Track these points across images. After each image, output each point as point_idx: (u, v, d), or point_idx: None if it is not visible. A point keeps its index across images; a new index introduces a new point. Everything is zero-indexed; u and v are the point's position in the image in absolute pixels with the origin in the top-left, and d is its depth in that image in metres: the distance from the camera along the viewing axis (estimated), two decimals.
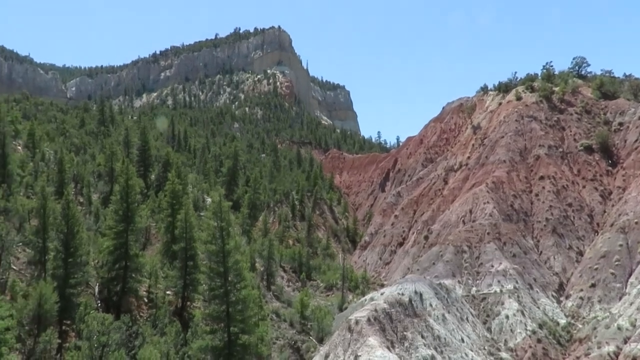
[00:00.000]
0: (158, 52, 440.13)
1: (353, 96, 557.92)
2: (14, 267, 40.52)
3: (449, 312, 50.76)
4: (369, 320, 42.92)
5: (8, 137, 65.98)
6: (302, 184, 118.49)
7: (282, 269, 72.19)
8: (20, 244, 43.06)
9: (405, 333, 44.00)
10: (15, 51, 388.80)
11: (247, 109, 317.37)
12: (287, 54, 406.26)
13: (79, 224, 41.13)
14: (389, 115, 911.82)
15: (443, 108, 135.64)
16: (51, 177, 68.35)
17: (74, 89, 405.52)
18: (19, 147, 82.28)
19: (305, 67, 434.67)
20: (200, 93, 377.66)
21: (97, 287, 42.86)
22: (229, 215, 41.26)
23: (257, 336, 37.93)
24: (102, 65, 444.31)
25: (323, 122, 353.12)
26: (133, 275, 43.44)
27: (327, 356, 41.31)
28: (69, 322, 36.12)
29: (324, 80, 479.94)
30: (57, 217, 41.40)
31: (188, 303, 46.06)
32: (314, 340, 48.99)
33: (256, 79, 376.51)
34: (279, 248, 75.02)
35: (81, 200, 68.67)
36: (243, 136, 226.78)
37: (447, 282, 60.51)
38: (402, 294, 48.73)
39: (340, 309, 56.38)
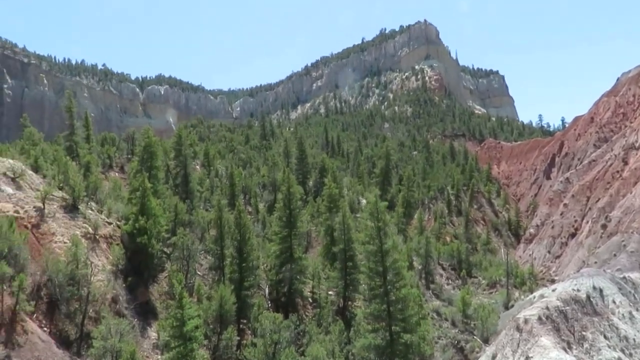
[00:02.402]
0: (309, 65, 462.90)
1: (509, 80, 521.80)
2: (199, 273, 46.18)
3: (637, 310, 44.83)
4: (540, 318, 39.94)
5: (189, 158, 75.51)
6: (457, 178, 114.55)
7: (440, 266, 70.64)
8: (203, 252, 48.79)
9: (583, 333, 40.01)
10: (189, 82, 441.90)
11: (396, 108, 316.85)
12: (434, 47, 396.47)
13: (249, 232, 45.28)
14: (552, 97, 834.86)
15: (618, 79, 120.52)
16: (224, 191, 76.21)
17: (238, 109, 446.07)
18: (197, 166, 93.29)
19: (454, 58, 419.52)
20: (350, 98, 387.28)
21: (267, 288, 46.69)
22: (384, 215, 41.87)
23: (419, 335, 37.70)
24: (261, 84, 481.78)
25: (476, 111, 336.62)
26: (298, 277, 46.36)
27: (494, 357, 39.46)
28: (245, 321, 39.94)
29: (475, 68, 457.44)
30: (231, 227, 46.13)
31: (349, 302, 47.58)
32: (478, 340, 47.04)
33: (404, 76, 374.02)
34: (436, 245, 73.50)
35: (250, 209, 75.30)
36: (394, 135, 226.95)
37: (633, 275, 53.37)
38: (578, 290, 44.38)
39: (506, 307, 53.25)
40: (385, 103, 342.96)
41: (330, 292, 48.47)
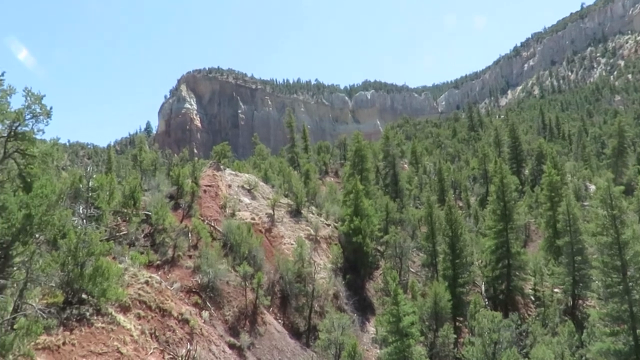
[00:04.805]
0: (519, 44, 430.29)
1: None
2: (412, 270, 46.94)
3: None
4: None
5: (396, 158, 77.46)
6: None
7: None
8: (415, 249, 49.48)
9: None
10: (394, 84, 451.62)
11: (629, 76, 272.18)
12: None
13: (461, 227, 44.51)
14: None
15: None
16: (433, 187, 75.99)
17: (443, 103, 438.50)
18: (405, 165, 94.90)
19: None
20: (570, 73, 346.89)
21: (483, 285, 44.96)
22: (620, 201, 36.83)
23: None
24: (466, 74, 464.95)
25: None
26: (517, 273, 43.65)
27: None
28: (461, 319, 39.20)
29: None
30: (442, 223, 45.94)
31: (579, 301, 42.89)
32: None
33: (639, 38, 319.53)
34: None
35: (460, 204, 73.59)
36: (628, 109, 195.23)
37: None
38: None
39: None
40: (615, 72, 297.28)
41: (555, 290, 44.36)
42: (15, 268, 19.28)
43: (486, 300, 43.07)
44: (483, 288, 44.82)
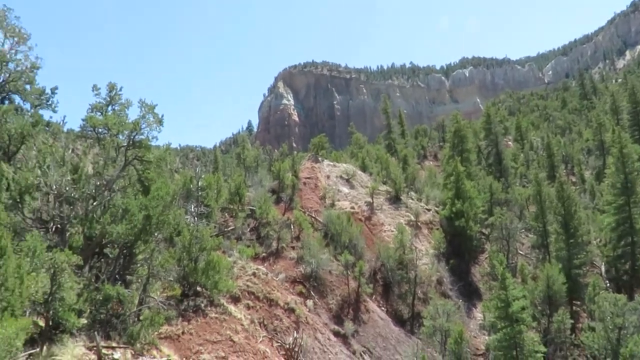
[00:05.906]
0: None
1: None
2: (520, 252, 44.65)
3: None
4: None
5: (499, 135, 73.85)
6: None
7: None
8: (523, 230, 46.98)
9: None
10: (493, 58, 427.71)
11: None
12: None
13: (575, 204, 41.53)
14: None
15: None
16: (541, 163, 71.45)
17: (550, 72, 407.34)
18: (509, 142, 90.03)
19: None
20: None
21: (603, 266, 41.62)
22: None
23: None
24: (575, 39, 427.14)
25: None
26: None
27: None
28: (578, 302, 36.60)
29: None
30: (553, 200, 43.15)
31: None
32: None
33: None
34: None
35: (573, 179, 68.53)
36: None
37: None
38: None
39: None
40: None
41: None
42: (138, 265, 21.45)
43: (607, 281, 39.80)
44: (603, 269, 41.46)
